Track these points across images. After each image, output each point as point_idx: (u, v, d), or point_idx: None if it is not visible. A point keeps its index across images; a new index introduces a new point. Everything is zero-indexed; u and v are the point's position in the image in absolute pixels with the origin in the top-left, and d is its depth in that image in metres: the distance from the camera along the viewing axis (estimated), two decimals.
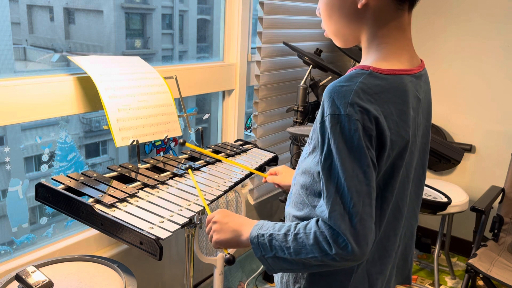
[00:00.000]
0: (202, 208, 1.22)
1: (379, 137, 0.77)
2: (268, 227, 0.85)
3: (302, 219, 0.87)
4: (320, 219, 0.78)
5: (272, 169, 1.27)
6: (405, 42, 0.84)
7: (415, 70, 0.85)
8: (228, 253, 0.96)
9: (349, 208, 0.74)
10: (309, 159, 0.88)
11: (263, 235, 0.84)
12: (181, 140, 1.30)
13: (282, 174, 1.26)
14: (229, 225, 0.93)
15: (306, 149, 0.91)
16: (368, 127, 0.75)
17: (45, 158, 1.53)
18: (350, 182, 0.74)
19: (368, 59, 0.84)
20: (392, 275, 0.97)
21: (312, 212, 0.86)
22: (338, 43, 0.91)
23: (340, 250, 0.75)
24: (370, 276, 0.90)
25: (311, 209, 0.86)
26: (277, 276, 0.99)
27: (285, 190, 1.35)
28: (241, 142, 1.82)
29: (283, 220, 0.95)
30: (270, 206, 2.59)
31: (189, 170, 1.36)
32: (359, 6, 0.80)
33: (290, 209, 0.94)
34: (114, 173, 1.34)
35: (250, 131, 2.36)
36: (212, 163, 1.53)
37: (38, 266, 1.22)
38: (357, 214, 0.74)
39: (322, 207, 0.78)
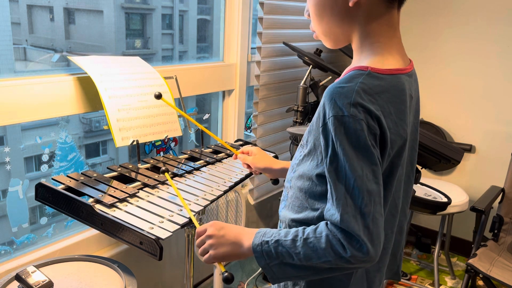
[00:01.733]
0: (203, 207, 1.22)
1: (381, 137, 0.77)
2: (272, 233, 0.82)
3: (301, 221, 0.86)
4: (330, 222, 0.77)
5: (245, 148, 1.20)
6: (396, 40, 0.85)
7: (408, 69, 0.86)
8: (226, 271, 0.88)
9: (361, 208, 0.74)
10: (306, 163, 0.86)
11: (267, 242, 0.81)
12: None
13: (255, 156, 1.21)
14: (226, 237, 0.87)
15: (300, 151, 0.90)
16: (372, 126, 0.75)
17: (45, 158, 1.53)
18: (360, 182, 0.74)
19: (363, 59, 0.84)
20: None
21: (311, 214, 0.85)
22: (328, 44, 0.90)
23: (355, 251, 0.74)
24: (368, 274, 0.90)
25: (311, 211, 0.85)
26: None
27: (253, 172, 1.28)
28: (241, 142, 1.82)
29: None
30: (270, 206, 2.58)
31: (166, 174, 1.21)
32: (350, 4, 0.80)
33: (286, 212, 0.91)
34: (114, 173, 1.34)
35: (250, 131, 2.36)
36: (212, 163, 1.53)
37: (38, 266, 1.22)
38: (370, 213, 0.74)
39: (331, 211, 0.76)
